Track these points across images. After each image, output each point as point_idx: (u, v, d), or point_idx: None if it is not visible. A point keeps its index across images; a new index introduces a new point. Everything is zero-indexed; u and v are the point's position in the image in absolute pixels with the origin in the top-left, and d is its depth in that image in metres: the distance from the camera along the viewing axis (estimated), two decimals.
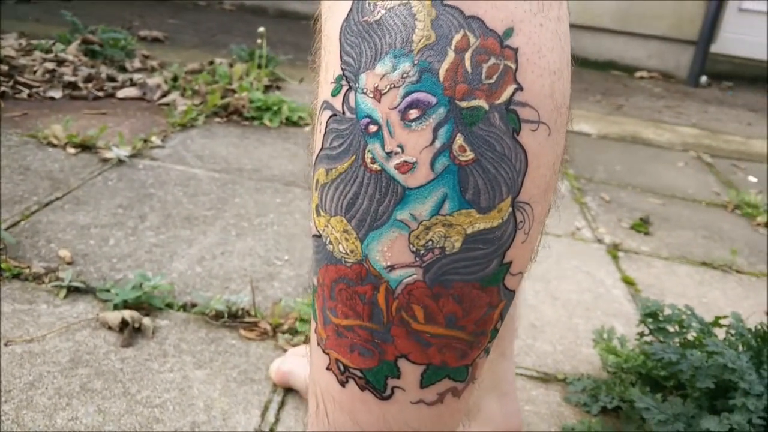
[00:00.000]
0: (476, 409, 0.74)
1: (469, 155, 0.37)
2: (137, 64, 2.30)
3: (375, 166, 0.38)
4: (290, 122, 1.99)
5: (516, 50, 0.37)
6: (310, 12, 3.86)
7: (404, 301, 0.40)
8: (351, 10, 0.38)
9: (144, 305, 1.04)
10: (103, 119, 1.82)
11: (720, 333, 1.00)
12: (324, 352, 0.45)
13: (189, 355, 0.96)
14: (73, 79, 1.97)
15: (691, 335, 0.93)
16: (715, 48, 3.98)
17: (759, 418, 0.78)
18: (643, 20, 3.91)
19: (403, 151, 0.37)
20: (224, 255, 1.23)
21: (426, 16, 0.36)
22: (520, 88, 0.37)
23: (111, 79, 2.08)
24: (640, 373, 0.97)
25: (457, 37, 0.36)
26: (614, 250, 1.54)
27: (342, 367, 0.44)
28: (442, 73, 0.36)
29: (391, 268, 0.39)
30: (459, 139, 0.37)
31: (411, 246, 0.39)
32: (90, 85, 1.99)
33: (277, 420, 0.86)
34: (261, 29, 2.11)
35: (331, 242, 0.41)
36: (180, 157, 1.66)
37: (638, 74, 4.00)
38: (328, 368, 0.45)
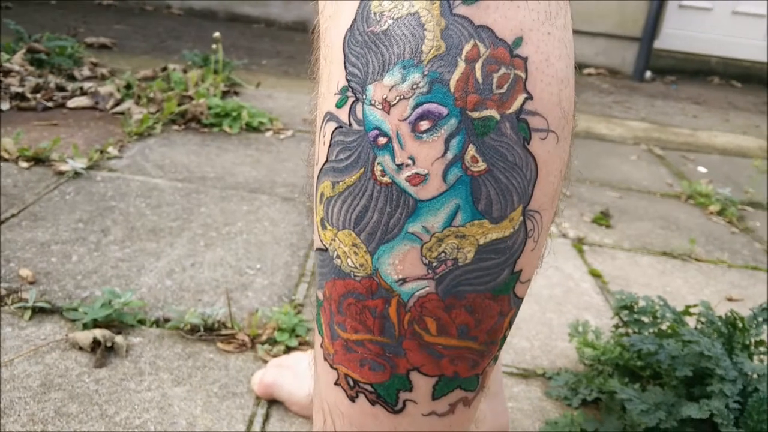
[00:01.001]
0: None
1: (482, 166, 0.37)
2: (86, 72, 2.22)
3: (385, 179, 0.37)
4: (251, 128, 1.96)
5: (525, 59, 0.37)
6: (262, 15, 3.82)
7: (416, 314, 0.39)
8: (355, 20, 0.38)
9: (115, 323, 1.00)
10: (55, 131, 1.75)
11: (690, 321, 1.03)
12: (332, 367, 0.44)
13: (166, 372, 0.93)
14: (20, 89, 1.89)
15: (664, 325, 0.95)
16: (658, 44, 4.12)
17: (734, 402, 0.81)
18: (588, 19, 4.01)
19: (414, 163, 0.37)
20: (194, 267, 1.20)
21: (435, 26, 0.36)
22: (530, 97, 0.37)
23: (60, 88, 2.01)
24: (617, 365, 0.99)
25: (467, 47, 0.36)
26: (579, 244, 1.58)
27: (351, 382, 0.43)
28: (452, 83, 0.36)
29: (403, 281, 0.39)
30: (471, 150, 0.36)
31: (423, 258, 0.38)
32: (38, 95, 1.91)
33: None
34: (216, 34, 2.07)
35: (338, 256, 0.41)
36: (139, 167, 1.61)
37: (586, 71, 4.10)
38: (336, 383, 0.44)
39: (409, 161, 0.37)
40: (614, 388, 0.91)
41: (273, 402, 0.90)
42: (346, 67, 0.38)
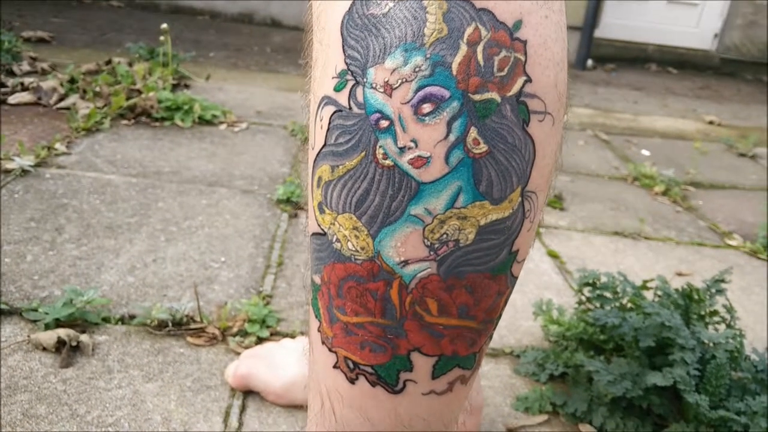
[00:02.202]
0: None
1: (483, 148, 0.37)
2: (26, 67, 2.13)
3: (387, 162, 0.37)
4: (204, 121, 1.92)
5: (525, 42, 0.37)
6: (206, 7, 3.74)
7: (418, 295, 0.40)
8: (354, 2, 0.37)
9: (78, 322, 0.97)
10: None
11: (647, 295, 1.08)
12: (330, 350, 0.44)
13: (136, 369, 0.91)
14: None
15: (625, 299, 0.99)
16: (598, 33, 4.25)
17: (695, 369, 0.86)
18: None
19: (416, 145, 0.37)
20: (156, 262, 1.18)
21: (437, 9, 0.36)
22: (529, 80, 0.38)
23: None
24: (581, 340, 1.03)
25: (468, 30, 0.36)
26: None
27: (351, 365, 0.43)
28: (455, 66, 0.36)
29: (405, 263, 0.39)
30: (473, 132, 0.37)
31: (425, 240, 0.38)
32: None
33: (240, 424, 0.84)
34: (164, 26, 2.02)
35: (338, 240, 0.40)
36: (90, 163, 1.56)
37: None
38: (335, 366, 0.44)
39: (412, 144, 0.37)
40: (581, 362, 0.94)
41: (248, 393, 0.89)
42: (344, 51, 0.38)
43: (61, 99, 1.90)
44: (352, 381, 0.44)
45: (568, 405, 0.92)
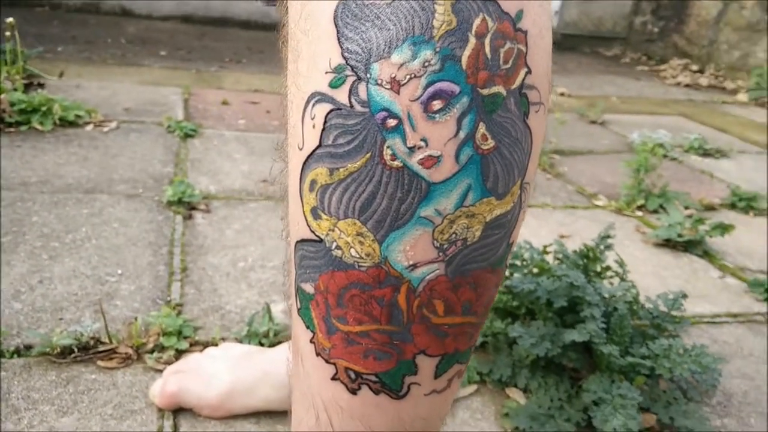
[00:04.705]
0: None
1: (491, 143, 0.36)
2: None
3: (396, 163, 0.35)
4: (66, 123, 1.76)
5: (526, 33, 0.36)
6: None
7: (426, 298, 0.39)
8: None
9: None
10: None
11: (548, 259, 1.15)
12: (328, 362, 0.42)
13: (46, 404, 0.83)
14: None
15: (532, 266, 1.06)
16: None
17: (602, 322, 0.94)
18: None
19: (427, 144, 0.35)
20: (43, 283, 1.07)
21: (446, 0, 0.34)
22: (529, 72, 0.37)
23: None
24: (495, 309, 1.08)
25: (477, 22, 0.34)
26: None
27: (353, 375, 0.42)
28: (464, 60, 0.34)
29: (414, 266, 0.38)
30: (482, 128, 0.36)
31: (435, 242, 0.37)
32: None
33: None
34: (10, 19, 1.81)
35: (339, 247, 0.38)
36: None
37: None
38: (334, 378, 0.43)
39: (422, 143, 0.35)
40: (501, 329, 1.00)
41: (178, 411, 0.85)
42: (340, 43, 0.35)
43: None
44: (353, 391, 0.42)
45: (493, 372, 0.97)
